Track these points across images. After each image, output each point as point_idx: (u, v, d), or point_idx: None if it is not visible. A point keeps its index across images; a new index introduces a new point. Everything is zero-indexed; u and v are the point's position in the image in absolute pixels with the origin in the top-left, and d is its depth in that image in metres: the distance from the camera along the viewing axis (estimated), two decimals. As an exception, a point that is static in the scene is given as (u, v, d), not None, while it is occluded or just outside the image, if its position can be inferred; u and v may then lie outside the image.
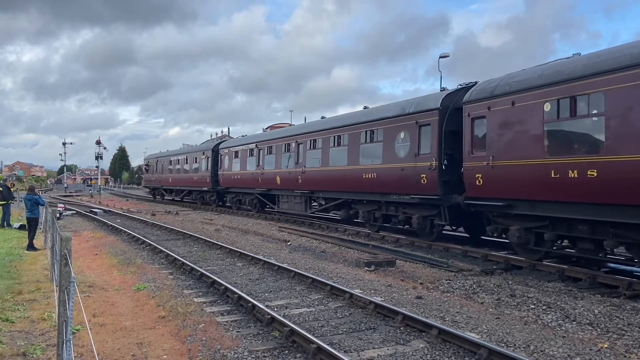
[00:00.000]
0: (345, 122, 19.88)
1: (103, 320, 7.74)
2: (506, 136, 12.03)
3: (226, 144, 33.81)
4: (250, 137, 32.36)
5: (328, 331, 7.18)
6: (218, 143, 35.73)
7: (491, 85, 12.77)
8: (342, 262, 13.12)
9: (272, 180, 25.43)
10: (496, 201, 12.31)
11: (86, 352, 6.17)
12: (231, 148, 31.66)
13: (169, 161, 43.31)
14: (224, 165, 32.03)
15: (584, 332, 7.22)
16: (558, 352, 6.26)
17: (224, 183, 32.05)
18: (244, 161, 29.26)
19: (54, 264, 9.78)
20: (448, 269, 12.08)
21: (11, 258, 13.08)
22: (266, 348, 6.50)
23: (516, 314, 8.21)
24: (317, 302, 8.81)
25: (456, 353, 6.26)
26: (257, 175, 27.14)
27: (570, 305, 8.55)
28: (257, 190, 27.64)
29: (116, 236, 19.19)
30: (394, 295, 9.21)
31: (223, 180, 32.07)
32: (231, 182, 30.97)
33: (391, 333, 7.08)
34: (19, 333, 7.01)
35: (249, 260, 13.09)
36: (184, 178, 39.29)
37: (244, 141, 30.64)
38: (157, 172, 46.40)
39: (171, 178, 42.45)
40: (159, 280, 10.69)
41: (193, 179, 36.90)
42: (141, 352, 6.38)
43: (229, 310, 8.41)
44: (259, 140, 28.23)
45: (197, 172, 36.04)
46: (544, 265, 11.67)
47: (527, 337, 6.87)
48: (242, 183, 29.49)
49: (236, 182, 30.23)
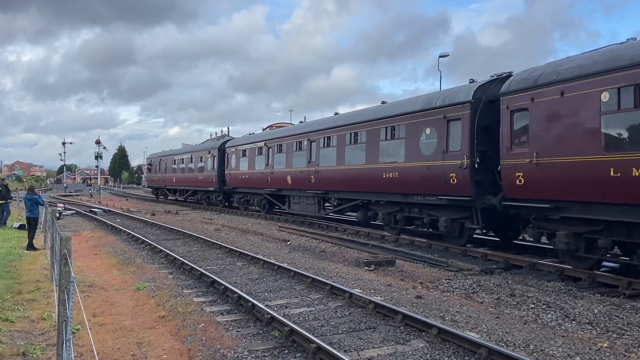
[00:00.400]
0: (362, 117, 18.66)
1: (103, 319, 7.74)
2: (554, 130, 10.75)
3: (233, 142, 32.47)
4: (258, 134, 31.62)
5: (328, 331, 7.18)
6: (225, 141, 34.24)
7: (534, 74, 11.51)
8: (341, 262, 13.12)
9: (283, 180, 24.43)
10: (541, 202, 11.06)
11: (86, 351, 6.17)
12: (238, 147, 30.45)
13: (172, 160, 41.89)
14: (231, 164, 30.90)
15: (583, 332, 7.22)
16: (558, 352, 6.27)
17: (231, 183, 30.94)
18: (252, 160, 28.18)
19: (53, 264, 9.77)
20: (448, 268, 12.08)
21: (11, 258, 13.08)
22: (266, 348, 6.50)
23: (516, 313, 8.21)
24: (317, 302, 8.81)
25: (456, 352, 6.26)
26: (266, 175, 26.16)
27: (570, 305, 8.55)
28: (266, 191, 26.83)
29: (116, 236, 19.19)
30: (394, 295, 9.21)
31: (230, 180, 30.94)
32: (239, 182, 29.89)
33: (391, 332, 7.08)
34: (19, 333, 7.01)
35: (248, 260, 13.09)
36: (188, 178, 37.97)
37: (252, 139, 29.54)
38: (161, 171, 45.10)
39: (175, 178, 41.08)
40: (159, 280, 10.69)
41: (198, 179, 35.58)
42: (141, 352, 6.38)
43: (229, 309, 8.41)
44: (268, 138, 27.30)
45: (203, 172, 34.63)
46: (544, 264, 11.67)
47: (526, 336, 6.87)
48: (250, 183, 28.49)
49: (244, 182, 29.19)
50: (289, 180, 23.94)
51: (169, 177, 42.88)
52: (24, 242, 15.53)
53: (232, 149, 31.28)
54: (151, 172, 49.29)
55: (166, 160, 43.83)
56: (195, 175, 36.26)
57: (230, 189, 31.43)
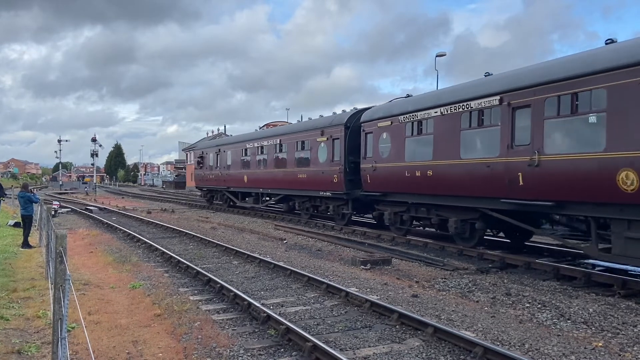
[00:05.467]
0: None
1: (98, 318, 7.72)
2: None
3: (381, 112, 17.75)
4: (456, 88, 14.74)
5: (324, 329, 7.19)
6: (355, 113, 19.84)
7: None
8: (338, 261, 13.13)
9: None
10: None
11: (81, 349, 6.15)
12: (400, 117, 16.12)
13: (242, 150, 29.04)
14: (377, 151, 17.39)
15: (578, 331, 7.25)
16: (553, 351, 6.29)
17: (373, 184, 17.60)
18: (443, 141, 14.21)
19: (49, 262, 9.75)
20: (444, 267, 12.11)
21: (6, 255, 13.04)
22: (262, 346, 6.50)
23: (511, 312, 8.23)
24: (313, 301, 8.82)
25: (451, 351, 6.28)
26: (501, 167, 12.16)
27: (565, 304, 8.59)
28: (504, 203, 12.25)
29: (112, 234, 19.14)
30: (390, 294, 9.23)
31: (373, 179, 17.57)
32: (397, 184, 16.25)
33: (387, 331, 7.09)
34: (14, 331, 6.98)
35: (244, 259, 13.08)
36: (275, 175, 25.16)
37: (440, 99, 14.69)
38: (220, 166, 32.17)
39: (247, 175, 28.05)
40: (155, 278, 10.67)
41: (297, 177, 23.07)
42: (136, 350, 6.37)
43: (225, 308, 8.40)
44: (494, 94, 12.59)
45: (307, 166, 22.24)
46: (539, 264, 11.70)
47: (522, 335, 6.90)
48: (433, 185, 14.59)
49: (413, 184, 15.38)
50: None
51: (235, 174, 29.87)
52: (19, 239, 15.48)
53: (382, 123, 17.12)
54: (202, 168, 35.68)
55: (230, 150, 30.95)
56: (291, 172, 23.77)
57: (374, 194, 17.73)
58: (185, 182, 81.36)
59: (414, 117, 15.53)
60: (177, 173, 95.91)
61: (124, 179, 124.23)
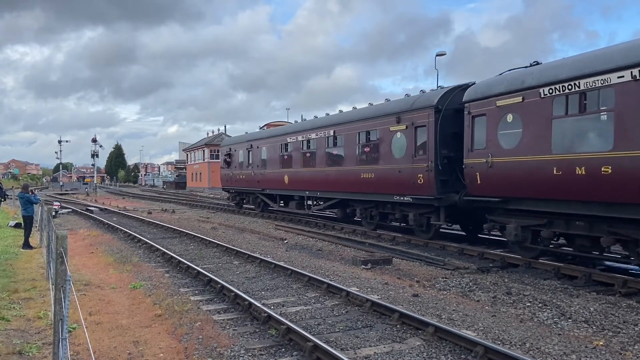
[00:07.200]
0: None
1: (99, 318, 7.72)
2: None
3: (502, 85, 12.40)
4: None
5: (325, 329, 7.19)
6: (448, 91, 15.00)
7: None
8: (338, 260, 13.13)
9: None
10: None
11: (82, 350, 6.15)
12: (543, 89, 11.11)
13: (282, 145, 24.50)
14: (496, 140, 12.47)
15: (579, 330, 7.25)
16: (554, 350, 6.29)
17: (487, 186, 12.76)
18: (636, 121, 9.34)
19: (49, 262, 9.75)
20: (444, 267, 12.10)
21: (7, 256, 13.06)
22: (263, 346, 6.49)
23: (512, 311, 8.23)
24: (314, 300, 8.82)
25: (452, 351, 6.28)
26: None
27: (566, 303, 8.58)
28: None
29: (112, 234, 19.15)
30: (391, 294, 9.22)
31: (487, 178, 12.72)
32: (534, 186, 11.39)
33: (387, 331, 7.09)
34: (15, 331, 6.98)
35: (245, 259, 13.08)
36: (327, 175, 20.46)
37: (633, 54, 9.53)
38: (252, 165, 27.50)
39: (289, 175, 23.55)
40: (155, 279, 10.67)
41: (359, 178, 18.24)
42: (137, 351, 6.37)
43: (226, 308, 8.40)
44: None
45: (375, 164, 17.49)
46: (540, 263, 11.70)
47: (523, 334, 6.89)
48: (612, 189, 9.70)
49: (567, 186, 10.61)
50: None
51: (273, 174, 25.23)
52: (20, 240, 15.49)
53: (511, 99, 11.96)
54: (230, 167, 30.77)
55: (266, 146, 26.29)
56: (350, 172, 18.97)
57: (490, 199, 12.70)
58: (186, 182, 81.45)
59: (571, 87, 10.41)
60: (177, 173, 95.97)
61: (125, 180, 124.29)
